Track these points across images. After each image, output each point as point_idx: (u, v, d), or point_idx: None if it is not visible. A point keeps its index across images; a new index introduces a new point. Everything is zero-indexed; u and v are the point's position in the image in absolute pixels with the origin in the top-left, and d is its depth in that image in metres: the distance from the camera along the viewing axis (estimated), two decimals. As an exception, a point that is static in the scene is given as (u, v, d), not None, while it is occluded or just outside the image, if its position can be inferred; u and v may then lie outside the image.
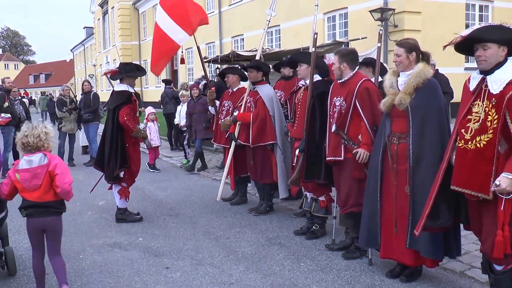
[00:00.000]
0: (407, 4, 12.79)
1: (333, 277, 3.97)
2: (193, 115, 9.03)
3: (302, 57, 5.08)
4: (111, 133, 5.59)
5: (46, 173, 3.47)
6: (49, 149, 3.57)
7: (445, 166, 3.23)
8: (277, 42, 18.54)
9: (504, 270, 3.11)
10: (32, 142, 3.46)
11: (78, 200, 6.98)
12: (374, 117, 4.08)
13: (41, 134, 3.49)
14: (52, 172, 3.47)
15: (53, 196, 3.54)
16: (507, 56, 3.01)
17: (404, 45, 3.71)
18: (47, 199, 3.51)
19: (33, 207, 3.51)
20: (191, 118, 9.12)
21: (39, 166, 3.46)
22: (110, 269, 4.27)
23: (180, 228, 5.49)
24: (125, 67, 5.87)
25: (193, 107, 9.08)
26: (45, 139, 3.52)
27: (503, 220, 2.91)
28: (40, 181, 3.46)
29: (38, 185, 3.46)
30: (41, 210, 3.51)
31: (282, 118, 5.78)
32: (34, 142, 3.46)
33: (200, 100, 9.06)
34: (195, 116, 9.00)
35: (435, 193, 3.23)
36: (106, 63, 36.86)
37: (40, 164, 3.47)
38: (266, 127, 5.66)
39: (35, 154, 3.49)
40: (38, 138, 3.47)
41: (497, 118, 2.91)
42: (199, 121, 8.96)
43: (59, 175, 3.47)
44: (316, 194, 4.92)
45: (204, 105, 8.91)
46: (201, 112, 8.92)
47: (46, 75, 69.27)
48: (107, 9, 36.81)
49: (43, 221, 3.53)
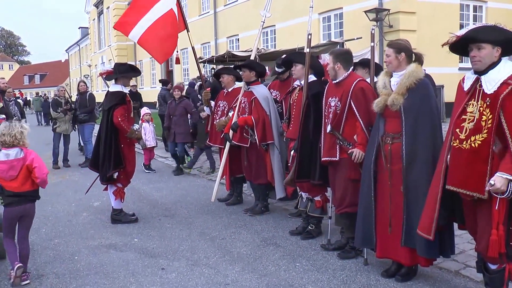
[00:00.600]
0: (402, 5, 12.82)
1: (329, 277, 3.98)
2: (173, 117, 8.92)
3: (297, 57, 5.08)
4: (106, 134, 5.57)
5: (23, 166, 3.95)
6: (25, 145, 4.03)
7: (444, 166, 3.24)
8: (272, 42, 18.54)
9: (498, 269, 3.12)
10: (9, 141, 3.93)
11: (73, 201, 6.97)
12: (369, 117, 4.08)
13: (17, 134, 3.95)
14: (30, 165, 3.96)
15: (30, 186, 4.02)
16: (501, 57, 3.03)
17: (393, 46, 3.75)
18: (24, 189, 3.99)
19: (12, 197, 3.94)
20: (170, 120, 9.02)
21: (15, 159, 3.93)
22: (106, 270, 4.26)
23: (176, 229, 5.48)
24: (119, 67, 5.85)
25: (174, 109, 8.97)
26: (21, 137, 3.98)
27: (497, 219, 2.92)
28: (16, 172, 3.93)
29: (14, 176, 3.93)
30: (20, 199, 3.98)
31: (277, 117, 5.79)
32: (11, 140, 3.93)
33: (181, 102, 8.97)
34: (175, 119, 8.88)
35: (439, 195, 3.23)
36: (102, 63, 36.73)
37: (16, 158, 3.94)
38: (266, 127, 5.67)
39: (12, 149, 3.95)
40: (14, 137, 3.94)
41: (491, 118, 2.93)
42: (179, 123, 8.84)
43: (37, 168, 3.97)
44: (311, 194, 4.93)
45: (185, 107, 8.93)
46: (181, 115, 8.88)
47: (41, 76, 68.92)
48: (102, 9, 36.68)
49: (22, 208, 4.01)
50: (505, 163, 2.89)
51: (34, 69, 73.25)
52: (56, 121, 10.14)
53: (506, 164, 2.87)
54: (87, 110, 10.13)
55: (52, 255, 4.68)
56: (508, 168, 2.85)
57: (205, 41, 23.39)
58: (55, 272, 4.24)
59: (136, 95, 13.09)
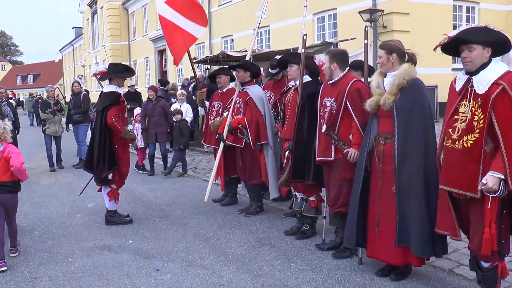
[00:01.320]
0: (396, 5, 12.88)
1: (324, 277, 3.99)
2: (153, 118, 8.94)
3: (292, 58, 5.09)
4: (100, 135, 5.55)
5: (1, 158, 4.36)
6: (7, 140, 4.45)
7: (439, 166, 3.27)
8: (266, 42, 18.55)
9: (491, 266, 3.16)
10: None
11: (67, 202, 6.94)
12: (365, 117, 4.10)
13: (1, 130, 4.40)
14: (7, 156, 4.36)
15: (8, 177, 4.38)
16: (491, 57, 3.06)
17: (385, 47, 3.77)
18: (2, 179, 4.36)
19: None
20: (149, 121, 9.02)
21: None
22: (100, 272, 4.24)
23: (170, 230, 5.47)
24: (113, 67, 5.84)
25: (152, 110, 8.99)
26: (3, 132, 4.42)
27: (490, 218, 2.96)
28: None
29: None
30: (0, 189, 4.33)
31: (272, 118, 5.80)
32: None
33: (159, 102, 9.03)
34: (155, 119, 8.90)
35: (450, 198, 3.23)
36: (96, 63, 36.57)
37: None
38: (260, 127, 5.67)
39: None
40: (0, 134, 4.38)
41: (483, 118, 2.96)
42: (159, 123, 8.88)
43: (13, 157, 4.36)
44: (306, 194, 4.94)
45: (163, 107, 8.97)
46: (160, 115, 8.92)
47: (34, 76, 68.49)
48: (96, 9, 36.52)
49: (1, 197, 4.37)
50: (497, 162, 2.92)
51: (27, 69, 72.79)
52: (45, 122, 9.96)
53: (498, 163, 2.91)
54: (81, 110, 10.04)
55: (45, 257, 4.66)
56: (499, 167, 2.89)
57: (200, 41, 23.35)
58: (49, 275, 4.21)
59: (136, 95, 13.04)
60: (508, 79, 2.95)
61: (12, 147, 4.49)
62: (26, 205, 6.75)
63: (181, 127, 8.95)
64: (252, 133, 5.64)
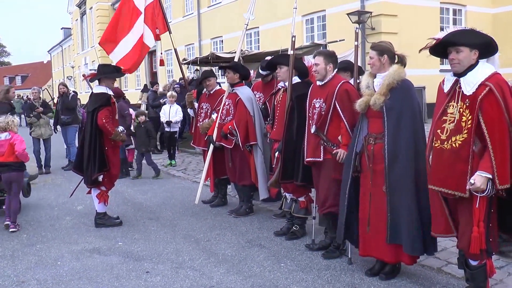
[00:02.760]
0: (384, 8, 12.99)
1: (314, 277, 4.00)
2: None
3: (282, 60, 5.11)
4: (90, 136, 5.51)
5: (8, 145, 5.57)
6: (14, 130, 5.69)
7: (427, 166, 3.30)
8: (256, 44, 18.57)
9: (479, 265, 3.19)
10: (2, 126, 5.64)
11: (56, 205, 6.88)
12: (354, 118, 4.13)
13: (9, 122, 5.69)
14: (12, 142, 5.58)
15: (14, 159, 5.60)
16: (478, 59, 3.11)
17: (376, 48, 3.81)
18: (9, 160, 5.59)
19: (2, 166, 5.58)
20: None
21: (4, 140, 5.62)
22: (89, 275, 4.21)
23: (160, 232, 5.45)
24: (103, 68, 5.81)
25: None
26: (12, 125, 5.69)
27: (478, 217, 3.00)
28: (4, 149, 5.58)
29: (2, 152, 5.58)
30: (7, 168, 5.59)
31: (261, 119, 5.81)
32: (2, 126, 5.64)
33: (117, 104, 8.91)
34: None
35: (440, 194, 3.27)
36: (85, 64, 36.28)
37: (5, 139, 5.61)
38: (249, 128, 5.68)
39: (3, 133, 5.64)
40: (6, 124, 5.65)
41: (471, 118, 3.00)
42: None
43: (17, 143, 5.57)
44: (295, 195, 4.95)
45: (120, 110, 8.86)
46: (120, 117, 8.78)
47: (22, 77, 67.68)
48: (85, 10, 36.25)
49: (9, 175, 5.61)
50: (484, 162, 2.96)
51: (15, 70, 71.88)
52: (32, 125, 9.74)
53: (485, 163, 2.95)
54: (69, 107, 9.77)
55: (34, 261, 4.61)
56: (487, 167, 2.93)
57: (189, 43, 23.32)
58: (37, 278, 4.17)
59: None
60: (495, 80, 3.00)
61: (17, 136, 5.65)
62: (14, 207, 6.69)
63: (148, 128, 8.83)
64: (241, 134, 5.64)
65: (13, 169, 5.58)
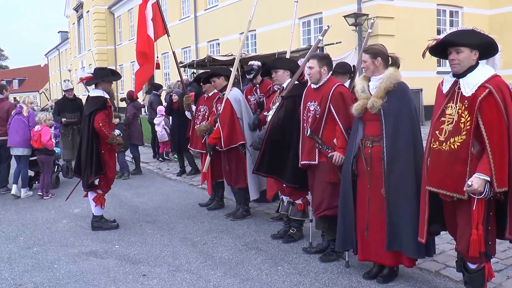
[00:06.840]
0: (380, 10, 13.02)
1: (311, 280, 3.99)
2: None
3: (276, 64, 5.12)
4: (87, 140, 5.50)
5: (38, 135, 7.35)
6: (45, 124, 7.52)
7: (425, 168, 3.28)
8: (253, 47, 18.59)
9: (478, 268, 3.18)
10: (37, 120, 7.50)
11: (52, 208, 6.86)
12: (348, 121, 4.12)
13: (41, 117, 7.52)
14: (40, 134, 7.35)
15: (42, 146, 7.36)
16: (478, 60, 3.10)
17: (369, 51, 3.80)
18: (39, 146, 7.39)
19: (36, 150, 7.48)
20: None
21: (37, 131, 7.41)
22: (86, 278, 4.19)
23: (157, 235, 5.43)
24: (100, 72, 5.79)
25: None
26: (44, 120, 7.52)
27: (477, 219, 2.98)
28: (36, 138, 7.36)
29: (36, 140, 7.37)
30: (38, 152, 7.49)
31: (250, 120, 5.75)
32: (36, 120, 7.49)
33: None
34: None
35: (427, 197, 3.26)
36: (82, 68, 36.25)
37: (37, 130, 7.42)
38: (235, 129, 5.63)
39: (37, 126, 7.45)
40: (39, 119, 7.48)
41: (470, 120, 2.99)
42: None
43: (42, 135, 7.35)
44: (292, 197, 4.94)
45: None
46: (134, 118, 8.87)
47: (19, 81, 67.49)
48: (82, 13, 36.25)
49: (40, 157, 7.53)
50: (482, 164, 2.94)
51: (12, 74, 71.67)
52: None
53: (483, 165, 2.93)
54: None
55: (30, 264, 4.59)
56: (485, 169, 2.91)
57: (186, 45, 23.34)
58: (34, 281, 4.15)
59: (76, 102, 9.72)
60: (494, 82, 2.98)
61: (46, 128, 7.46)
62: (10, 211, 6.67)
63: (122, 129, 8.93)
64: (224, 135, 5.59)
65: (43, 153, 7.44)
